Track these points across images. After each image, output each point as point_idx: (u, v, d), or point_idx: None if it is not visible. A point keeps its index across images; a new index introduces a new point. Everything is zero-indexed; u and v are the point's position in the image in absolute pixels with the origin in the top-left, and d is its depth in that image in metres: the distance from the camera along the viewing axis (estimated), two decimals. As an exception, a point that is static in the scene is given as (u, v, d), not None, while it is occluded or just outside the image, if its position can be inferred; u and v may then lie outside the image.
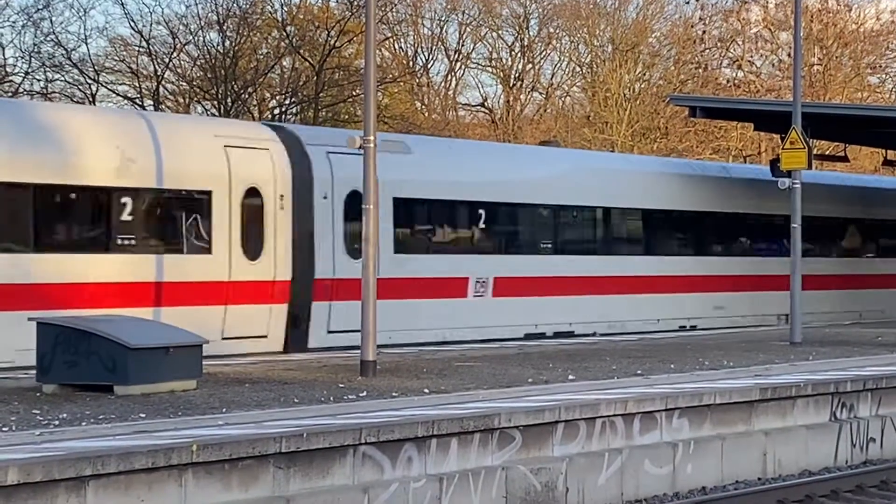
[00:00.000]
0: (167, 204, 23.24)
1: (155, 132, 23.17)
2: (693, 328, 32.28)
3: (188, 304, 22.96)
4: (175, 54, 51.21)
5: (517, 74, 63.62)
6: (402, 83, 60.00)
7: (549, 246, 29.89)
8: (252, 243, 24.08)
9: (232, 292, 23.78)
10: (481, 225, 28.57)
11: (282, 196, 24.64)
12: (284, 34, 52.86)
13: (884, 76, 65.97)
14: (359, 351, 19.07)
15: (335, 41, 51.80)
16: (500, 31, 63.75)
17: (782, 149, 26.76)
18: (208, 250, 23.60)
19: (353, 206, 24.30)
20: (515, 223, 29.60)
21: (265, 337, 24.19)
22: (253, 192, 24.20)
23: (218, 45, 51.15)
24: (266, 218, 24.32)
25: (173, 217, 23.28)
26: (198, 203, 23.58)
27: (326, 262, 25.13)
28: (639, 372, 19.52)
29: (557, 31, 63.45)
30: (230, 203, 23.82)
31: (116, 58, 52.77)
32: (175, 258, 23.07)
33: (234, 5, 51.09)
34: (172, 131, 23.86)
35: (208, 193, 23.63)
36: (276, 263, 24.38)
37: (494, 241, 28.99)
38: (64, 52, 49.68)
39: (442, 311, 27.21)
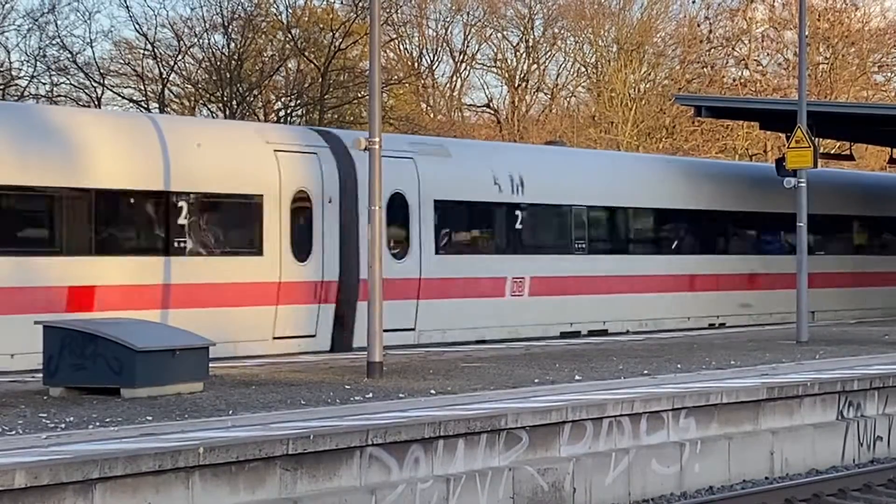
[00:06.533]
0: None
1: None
2: None
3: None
4: (180, 57, 51.30)
5: (522, 75, 63.59)
6: (407, 84, 60.02)
7: None
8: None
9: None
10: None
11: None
12: (289, 36, 52.91)
13: (889, 74, 65.96)
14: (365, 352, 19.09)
15: (340, 43, 51.83)
16: (504, 32, 63.81)
17: (788, 148, 26.73)
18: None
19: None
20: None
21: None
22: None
23: (223, 48, 51.25)
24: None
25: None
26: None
27: None
28: (645, 372, 19.51)
29: (562, 32, 63.45)
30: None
31: (122, 61, 52.95)
32: None
33: (239, 8, 51.21)
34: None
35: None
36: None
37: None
38: (69, 55, 49.85)
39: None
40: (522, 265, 28.97)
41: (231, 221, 24.03)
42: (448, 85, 64.44)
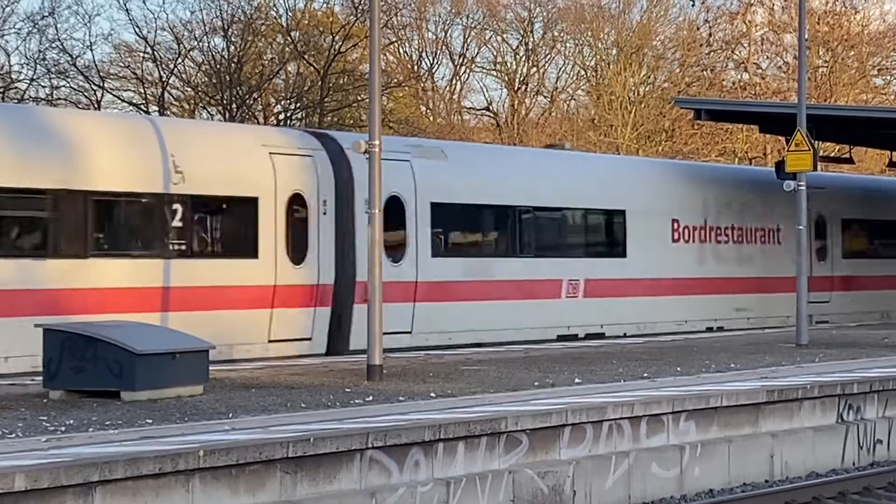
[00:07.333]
0: None
1: None
2: None
3: None
4: (180, 60, 51.29)
5: (522, 78, 63.60)
6: (406, 87, 60.02)
7: None
8: None
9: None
10: None
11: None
12: (289, 39, 52.91)
13: (889, 77, 65.98)
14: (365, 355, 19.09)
15: (340, 46, 51.83)
16: (504, 35, 63.81)
17: (787, 151, 26.74)
18: None
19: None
20: None
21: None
22: None
23: (223, 51, 51.25)
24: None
25: None
26: None
27: None
28: (645, 375, 19.51)
29: (562, 35, 63.47)
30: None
31: (121, 64, 52.95)
32: None
33: (239, 11, 51.22)
34: None
35: None
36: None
37: None
38: (69, 58, 49.85)
39: None
40: None
41: None
42: (448, 88, 64.53)
